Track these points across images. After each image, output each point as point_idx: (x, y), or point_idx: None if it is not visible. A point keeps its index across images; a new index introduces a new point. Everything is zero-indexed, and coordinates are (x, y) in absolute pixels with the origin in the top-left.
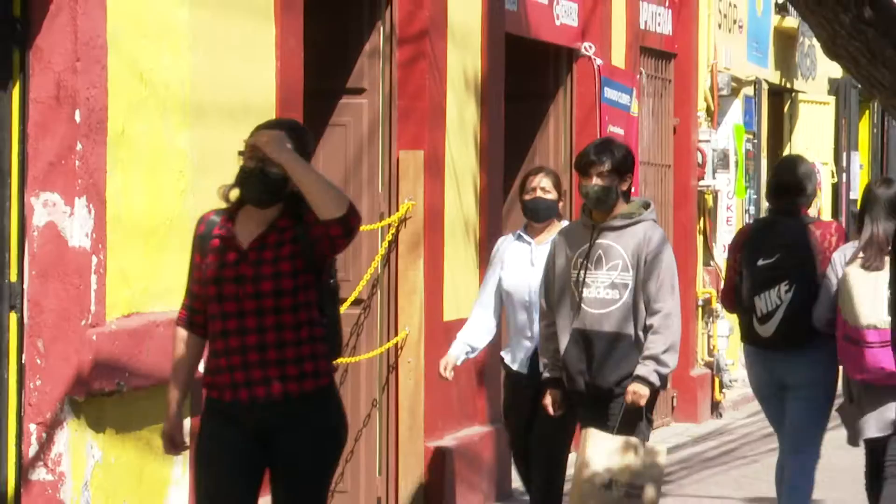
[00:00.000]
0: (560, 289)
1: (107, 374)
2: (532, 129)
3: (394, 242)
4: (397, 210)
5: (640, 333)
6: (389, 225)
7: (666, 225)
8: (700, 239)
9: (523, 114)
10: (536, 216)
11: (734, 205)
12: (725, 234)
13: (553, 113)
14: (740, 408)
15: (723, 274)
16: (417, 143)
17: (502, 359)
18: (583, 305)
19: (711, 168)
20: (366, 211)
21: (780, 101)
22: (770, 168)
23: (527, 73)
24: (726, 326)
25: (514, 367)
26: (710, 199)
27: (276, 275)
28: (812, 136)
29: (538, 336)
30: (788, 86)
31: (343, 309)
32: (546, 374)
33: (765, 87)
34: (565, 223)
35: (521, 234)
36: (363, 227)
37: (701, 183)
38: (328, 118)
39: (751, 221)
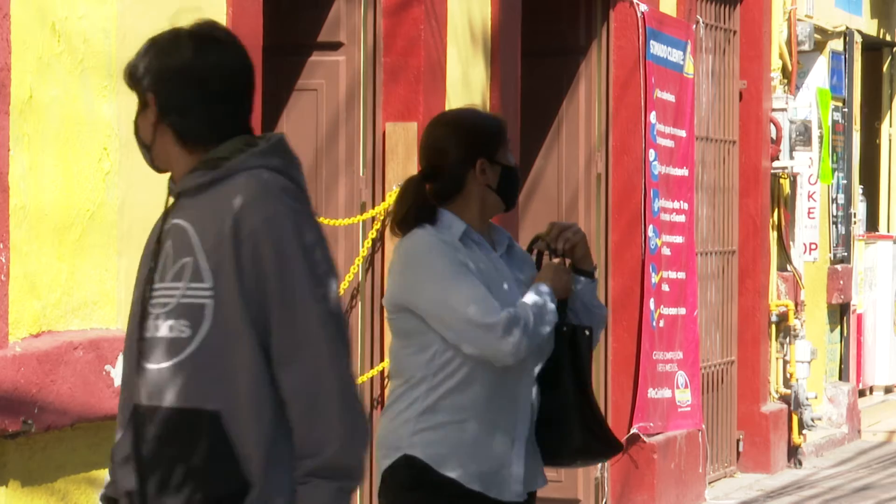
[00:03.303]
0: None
1: (10, 409)
2: (557, 95)
3: (379, 241)
4: (383, 199)
5: (261, 408)
6: (373, 218)
7: (730, 217)
8: (773, 236)
9: (546, 75)
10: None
11: (818, 192)
12: (806, 231)
13: (584, 73)
14: (825, 453)
15: (802, 281)
16: (409, 113)
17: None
18: (140, 359)
19: (788, 145)
20: (343, 200)
21: (878, 59)
22: (863, 145)
23: (550, 23)
24: (808, 349)
25: (478, 487)
26: (786, 184)
27: None
28: None
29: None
30: (889, 38)
31: None
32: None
33: (858, 39)
34: None
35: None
36: (339, 222)
37: (775, 164)
38: (294, 81)
39: None
